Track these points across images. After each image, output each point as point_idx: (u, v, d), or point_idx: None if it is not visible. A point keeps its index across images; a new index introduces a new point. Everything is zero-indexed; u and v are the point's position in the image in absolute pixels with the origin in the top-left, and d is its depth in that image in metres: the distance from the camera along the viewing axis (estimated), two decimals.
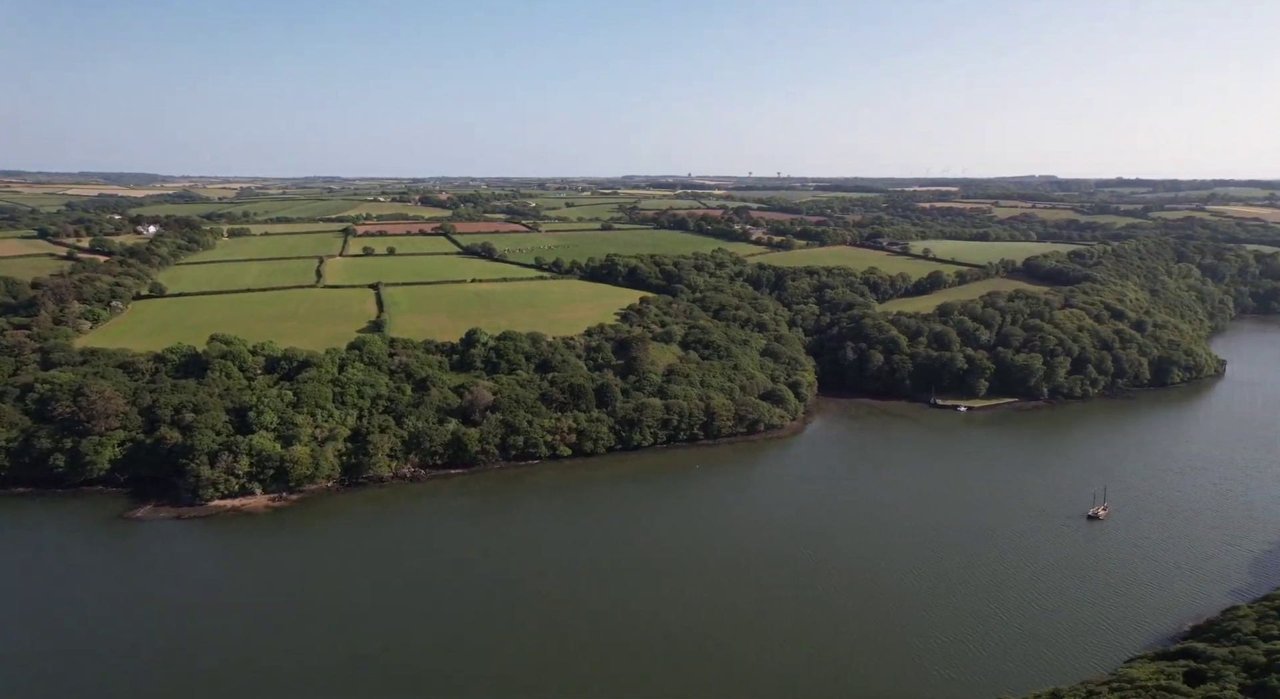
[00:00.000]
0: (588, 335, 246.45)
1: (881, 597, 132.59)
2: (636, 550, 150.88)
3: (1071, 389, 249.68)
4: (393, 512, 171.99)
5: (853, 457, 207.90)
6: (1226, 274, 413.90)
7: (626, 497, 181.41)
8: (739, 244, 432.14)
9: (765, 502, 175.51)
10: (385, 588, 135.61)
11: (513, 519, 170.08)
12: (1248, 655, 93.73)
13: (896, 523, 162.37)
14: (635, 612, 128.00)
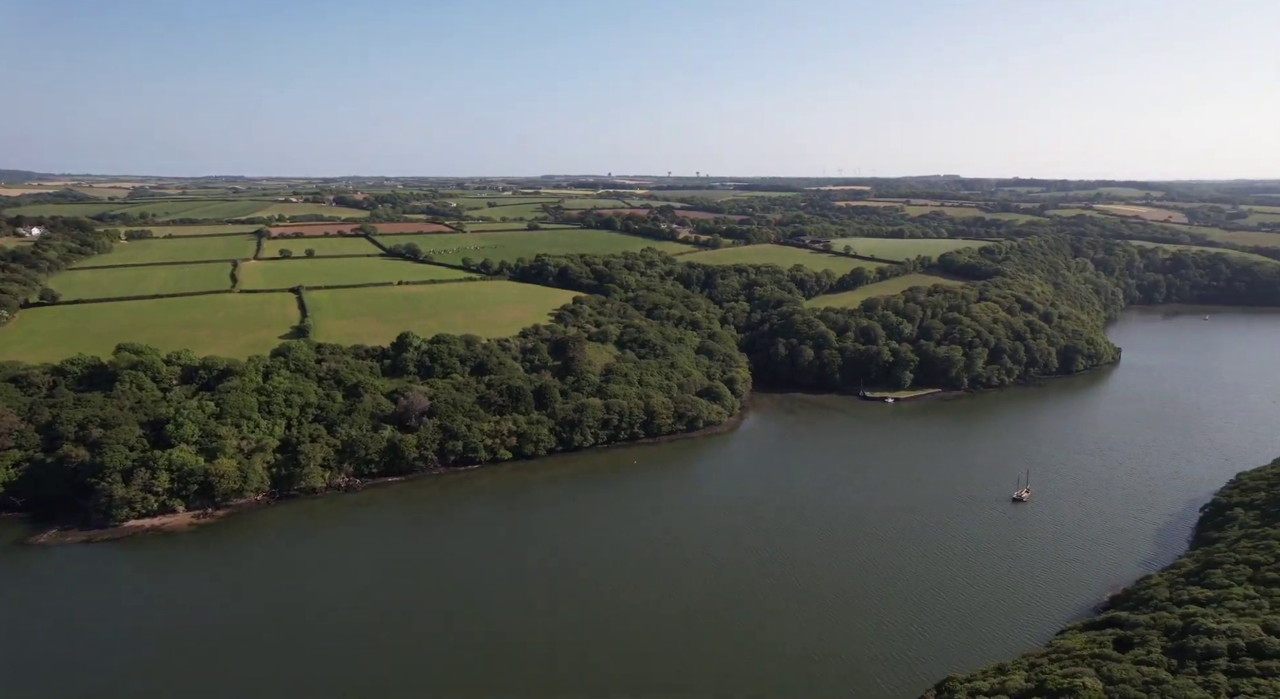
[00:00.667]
0: (523, 337, 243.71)
1: (826, 585, 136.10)
2: (582, 552, 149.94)
3: (989, 378, 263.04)
4: (327, 524, 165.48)
5: (790, 450, 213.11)
6: (1116, 268, 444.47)
7: (569, 498, 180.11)
8: (667, 243, 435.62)
9: (708, 498, 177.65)
10: (320, 605, 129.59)
11: (454, 526, 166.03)
12: (1166, 620, 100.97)
13: (836, 512, 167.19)
14: (585, 614, 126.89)
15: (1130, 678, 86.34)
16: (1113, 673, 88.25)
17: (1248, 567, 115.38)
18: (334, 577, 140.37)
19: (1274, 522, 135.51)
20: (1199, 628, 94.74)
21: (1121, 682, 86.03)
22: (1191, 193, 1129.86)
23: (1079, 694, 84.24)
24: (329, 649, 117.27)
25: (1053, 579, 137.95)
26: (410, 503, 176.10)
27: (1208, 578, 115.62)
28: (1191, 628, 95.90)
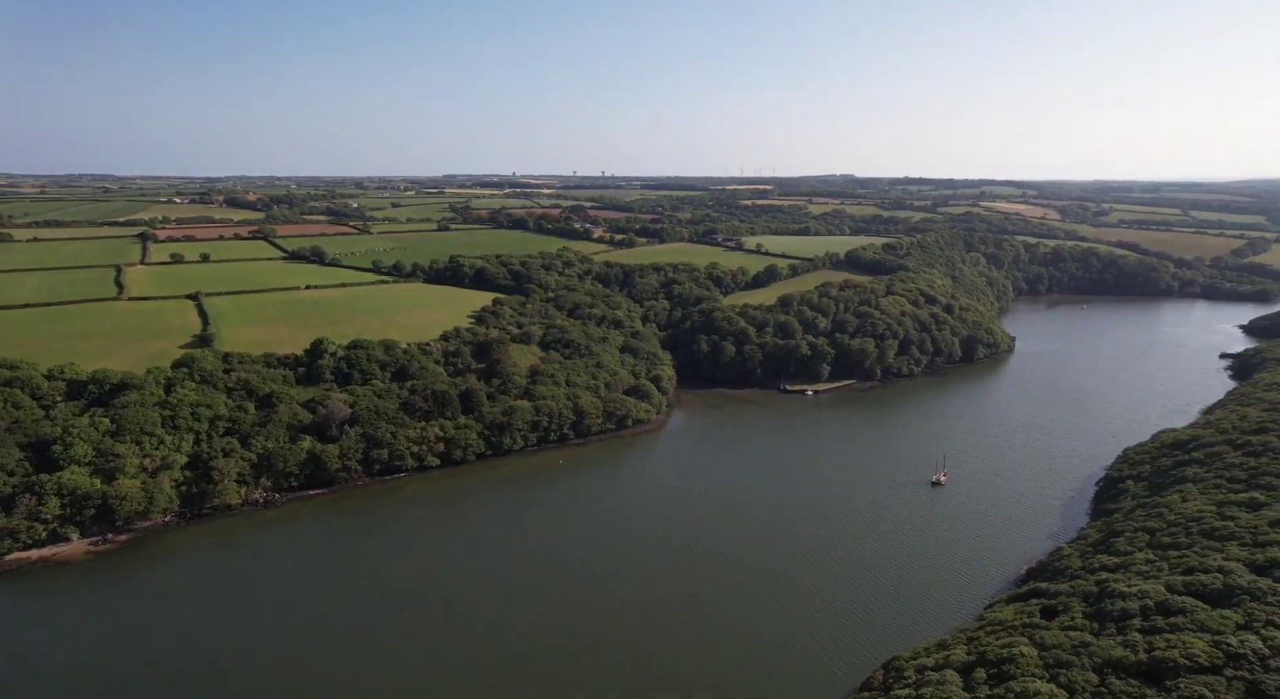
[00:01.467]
0: (444, 340, 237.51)
1: (769, 572, 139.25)
2: (517, 557, 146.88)
3: (900, 369, 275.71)
4: (244, 542, 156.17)
5: (718, 444, 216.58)
6: (1005, 262, 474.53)
7: (501, 503, 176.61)
8: (582, 243, 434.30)
9: (642, 495, 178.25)
10: (237, 632, 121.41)
11: (380, 538, 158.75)
12: (1084, 588, 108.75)
13: (768, 502, 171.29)
14: (514, 622, 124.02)
15: (1060, 643, 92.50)
16: (1044, 640, 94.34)
17: (1145, 533, 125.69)
18: (252, 600, 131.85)
19: (1160, 491, 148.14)
20: (1113, 592, 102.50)
21: (1053, 647, 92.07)
22: (1060, 192, 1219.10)
23: (1018, 662, 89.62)
24: (249, 684, 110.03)
25: (975, 556, 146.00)
26: (335, 515, 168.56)
27: (1112, 546, 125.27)
28: (1106, 593, 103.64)
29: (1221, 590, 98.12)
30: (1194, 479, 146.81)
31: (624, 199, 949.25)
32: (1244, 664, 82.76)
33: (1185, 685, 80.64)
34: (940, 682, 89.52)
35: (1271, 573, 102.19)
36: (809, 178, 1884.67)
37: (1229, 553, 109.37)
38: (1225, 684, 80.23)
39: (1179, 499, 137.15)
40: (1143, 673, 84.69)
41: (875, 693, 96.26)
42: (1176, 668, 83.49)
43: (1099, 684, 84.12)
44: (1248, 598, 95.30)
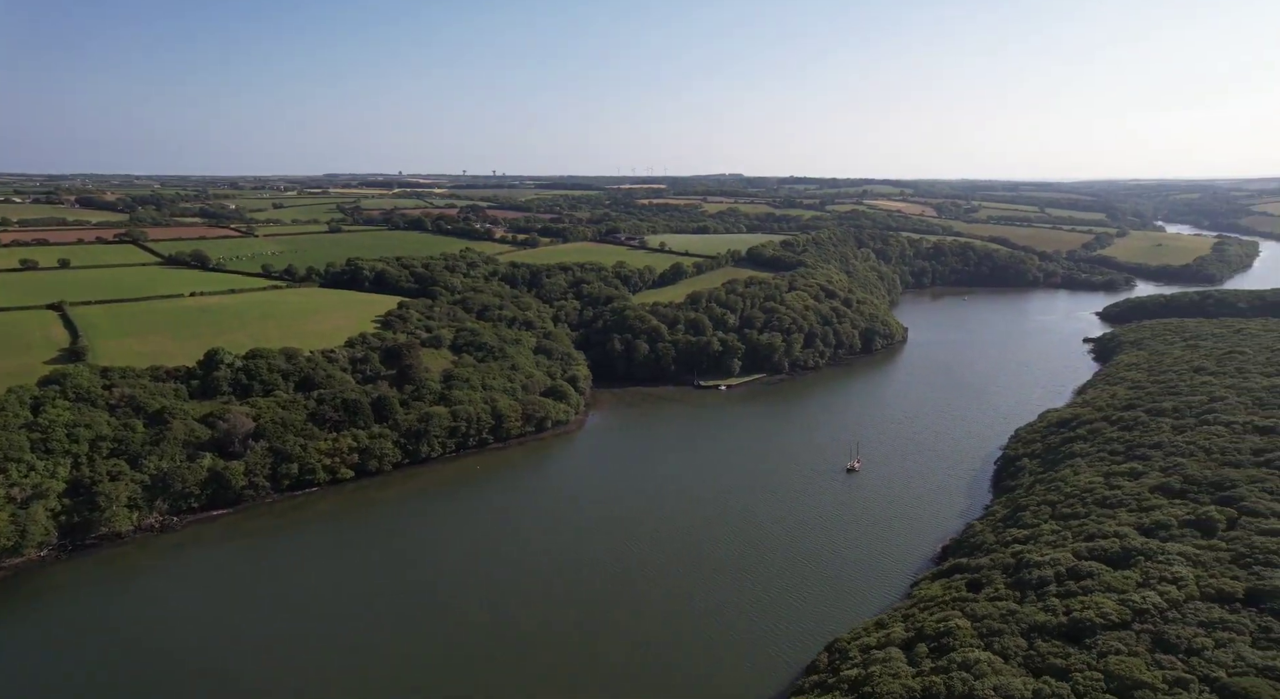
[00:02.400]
0: (350, 346, 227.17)
1: (694, 568, 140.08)
2: (437, 566, 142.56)
3: (806, 361, 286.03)
4: (135, 574, 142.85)
5: (638, 441, 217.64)
6: (892, 256, 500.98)
7: (421, 512, 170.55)
8: (484, 243, 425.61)
9: (568, 496, 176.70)
10: (122, 677, 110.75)
11: (291, 556, 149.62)
12: (1002, 560, 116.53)
13: (691, 496, 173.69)
14: (442, 632, 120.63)
15: (989, 613, 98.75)
16: (975, 611, 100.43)
17: (1047, 506, 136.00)
18: (141, 640, 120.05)
19: (1054, 467, 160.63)
20: (1029, 562, 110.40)
21: (984, 617, 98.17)
22: (933, 190, 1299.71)
23: (955, 634, 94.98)
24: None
25: (895, 537, 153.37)
26: (241, 536, 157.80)
27: (1020, 520, 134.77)
28: (1023, 563, 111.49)
29: (1120, 553, 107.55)
30: (1081, 454, 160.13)
31: (519, 199, 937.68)
32: (1148, 618, 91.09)
33: (1103, 642, 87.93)
34: (885, 659, 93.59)
35: (1157, 534, 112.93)
36: (700, 177, 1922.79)
37: (1120, 519, 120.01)
38: (1135, 637, 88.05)
39: (1071, 473, 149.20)
40: (1064, 634, 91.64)
41: (823, 674, 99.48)
42: (1093, 626, 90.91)
43: (1028, 648, 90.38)
44: (1142, 558, 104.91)
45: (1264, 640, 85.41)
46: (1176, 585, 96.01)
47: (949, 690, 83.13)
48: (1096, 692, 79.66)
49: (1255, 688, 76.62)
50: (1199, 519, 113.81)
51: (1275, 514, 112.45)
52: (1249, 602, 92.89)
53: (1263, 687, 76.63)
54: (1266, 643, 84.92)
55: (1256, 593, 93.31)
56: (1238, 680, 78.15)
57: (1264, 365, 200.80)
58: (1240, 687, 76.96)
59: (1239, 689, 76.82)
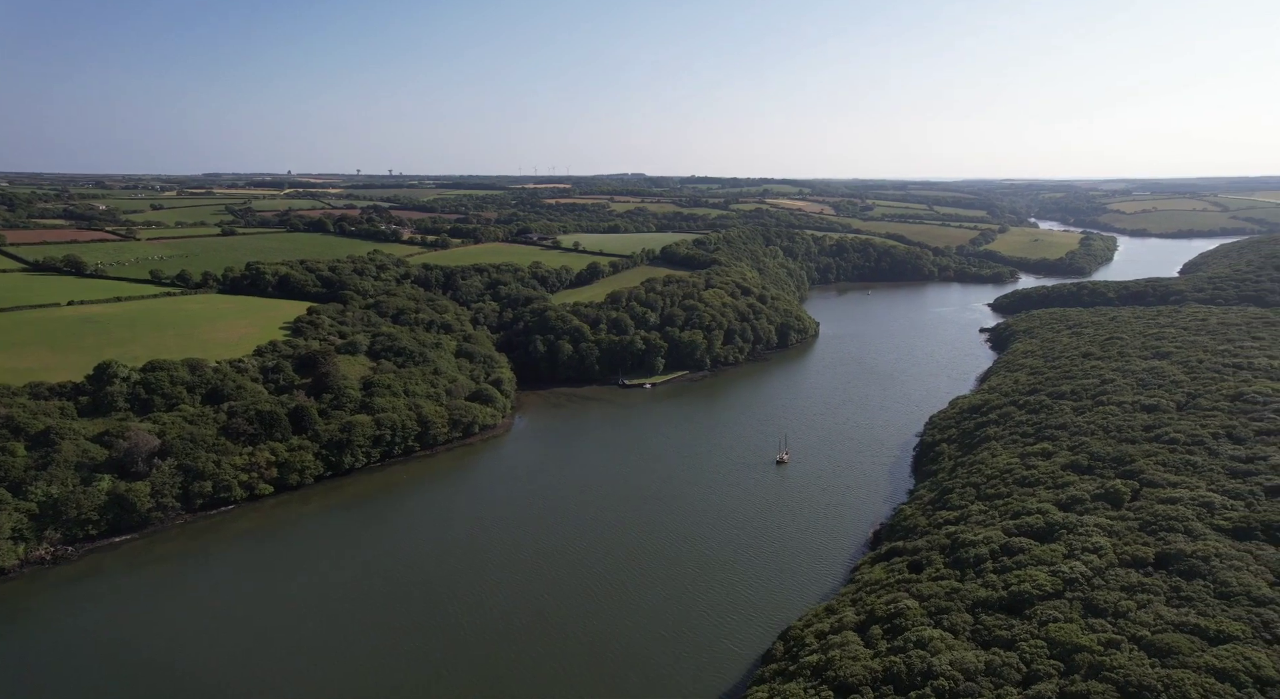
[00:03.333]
0: (260, 355, 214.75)
1: (636, 567, 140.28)
2: (367, 580, 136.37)
3: (727, 357, 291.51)
4: (20, 614, 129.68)
5: (566, 443, 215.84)
6: (799, 254, 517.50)
7: (344, 526, 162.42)
8: (392, 245, 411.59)
9: (496, 500, 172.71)
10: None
11: (205, 582, 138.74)
12: (938, 541, 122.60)
13: (625, 494, 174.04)
14: (372, 651, 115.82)
15: (935, 593, 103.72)
16: (921, 591, 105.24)
17: (972, 488, 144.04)
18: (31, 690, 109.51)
19: (971, 450, 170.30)
20: (964, 542, 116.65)
21: (930, 597, 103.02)
22: (829, 189, 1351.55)
23: (906, 615, 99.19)
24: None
25: (828, 524, 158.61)
26: (149, 563, 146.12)
27: (948, 502, 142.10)
28: (958, 543, 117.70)
29: (1044, 528, 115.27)
30: (995, 437, 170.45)
31: (421, 199, 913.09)
32: (1078, 587, 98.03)
33: (1041, 611, 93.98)
34: (843, 644, 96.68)
35: (1073, 508, 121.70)
36: (603, 176, 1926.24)
37: (1040, 496, 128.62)
38: (1069, 605, 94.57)
39: (989, 455, 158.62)
40: (1005, 606, 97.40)
41: (782, 663, 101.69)
42: (1030, 598, 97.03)
43: (975, 622, 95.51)
44: (1065, 531, 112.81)
45: (1176, 599, 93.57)
46: (1097, 554, 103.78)
47: (909, 669, 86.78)
48: (1041, 658, 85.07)
49: (1176, 643, 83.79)
50: (1107, 492, 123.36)
51: (1170, 484, 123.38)
52: (1159, 565, 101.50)
53: (1181, 641, 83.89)
54: (1178, 601, 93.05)
55: (1164, 556, 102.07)
56: (1161, 637, 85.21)
57: (1141, 350, 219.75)
58: (1164, 642, 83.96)
59: (1163, 645, 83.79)
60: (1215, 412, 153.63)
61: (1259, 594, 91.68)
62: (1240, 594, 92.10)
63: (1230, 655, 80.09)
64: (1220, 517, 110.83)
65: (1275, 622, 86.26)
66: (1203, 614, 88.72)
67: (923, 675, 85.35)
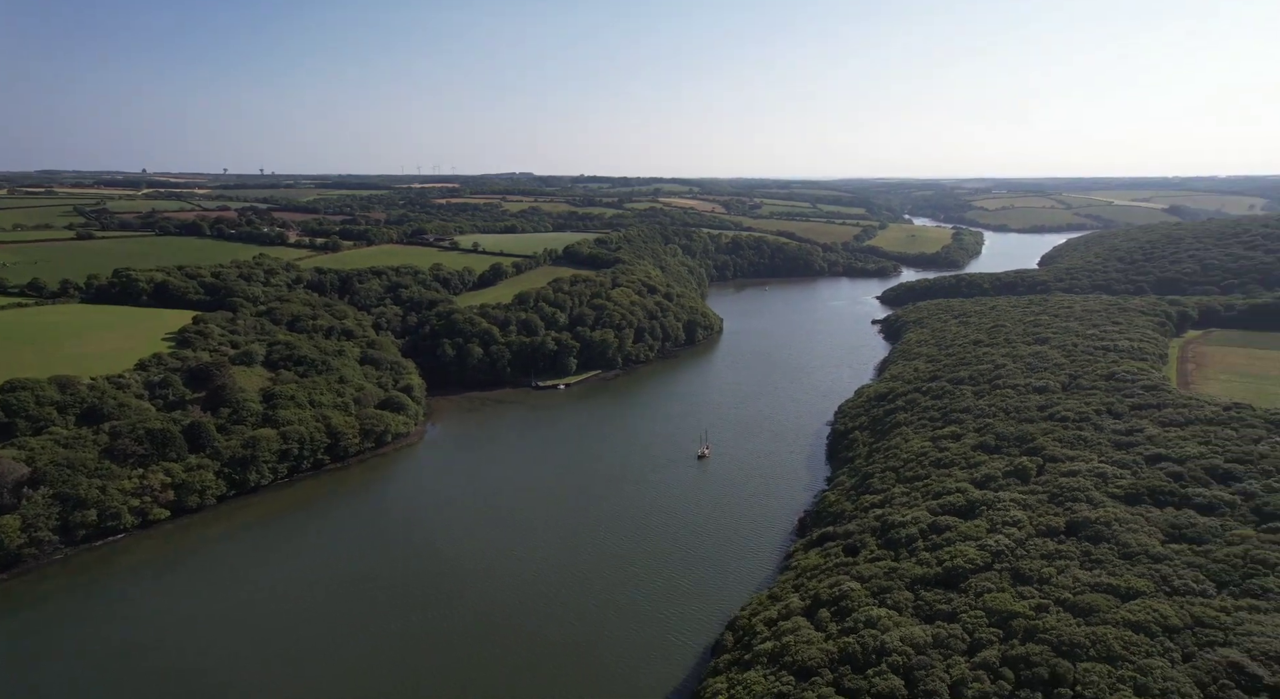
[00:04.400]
0: (143, 369, 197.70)
1: (573, 570, 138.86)
2: (279, 607, 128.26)
3: (638, 356, 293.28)
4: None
5: (483, 448, 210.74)
6: (697, 251, 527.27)
7: (253, 548, 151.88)
8: (278, 248, 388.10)
9: (417, 510, 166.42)
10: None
11: (93, 621, 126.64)
12: (869, 524, 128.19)
13: (548, 497, 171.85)
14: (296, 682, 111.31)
15: (874, 574, 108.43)
16: (861, 573, 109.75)
17: (892, 472, 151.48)
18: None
19: (885, 436, 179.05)
20: (893, 524, 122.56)
21: (871, 578, 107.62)
22: (717, 188, 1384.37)
23: (850, 596, 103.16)
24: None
25: (755, 514, 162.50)
26: (24, 606, 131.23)
27: (870, 487, 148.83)
28: (888, 525, 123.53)
29: (966, 506, 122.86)
30: (905, 423, 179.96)
31: (301, 199, 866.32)
32: (1004, 558, 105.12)
33: (975, 583, 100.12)
34: (794, 629, 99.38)
35: (989, 486, 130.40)
36: (492, 175, 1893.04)
37: (956, 476, 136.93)
38: (998, 576, 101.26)
39: (902, 440, 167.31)
40: (941, 582, 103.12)
41: (735, 652, 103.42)
42: (964, 572, 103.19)
43: (915, 599, 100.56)
44: (984, 508, 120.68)
45: (1088, 562, 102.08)
46: (1017, 527, 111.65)
47: (863, 647, 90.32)
48: (982, 627, 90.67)
49: (1095, 602, 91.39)
50: (1016, 469, 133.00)
51: (1069, 459, 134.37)
52: (1069, 532, 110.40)
53: (1099, 600, 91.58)
54: (1090, 564, 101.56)
55: (1073, 524, 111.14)
56: (1081, 598, 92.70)
57: (1023, 336, 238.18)
58: (1085, 603, 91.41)
59: (1084, 605, 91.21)
60: (1095, 390, 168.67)
61: (1155, 552, 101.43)
62: (1140, 553, 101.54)
63: (1141, 609, 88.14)
64: (1113, 485, 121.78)
65: (1171, 576, 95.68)
66: (1113, 574, 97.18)
67: (877, 653, 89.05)
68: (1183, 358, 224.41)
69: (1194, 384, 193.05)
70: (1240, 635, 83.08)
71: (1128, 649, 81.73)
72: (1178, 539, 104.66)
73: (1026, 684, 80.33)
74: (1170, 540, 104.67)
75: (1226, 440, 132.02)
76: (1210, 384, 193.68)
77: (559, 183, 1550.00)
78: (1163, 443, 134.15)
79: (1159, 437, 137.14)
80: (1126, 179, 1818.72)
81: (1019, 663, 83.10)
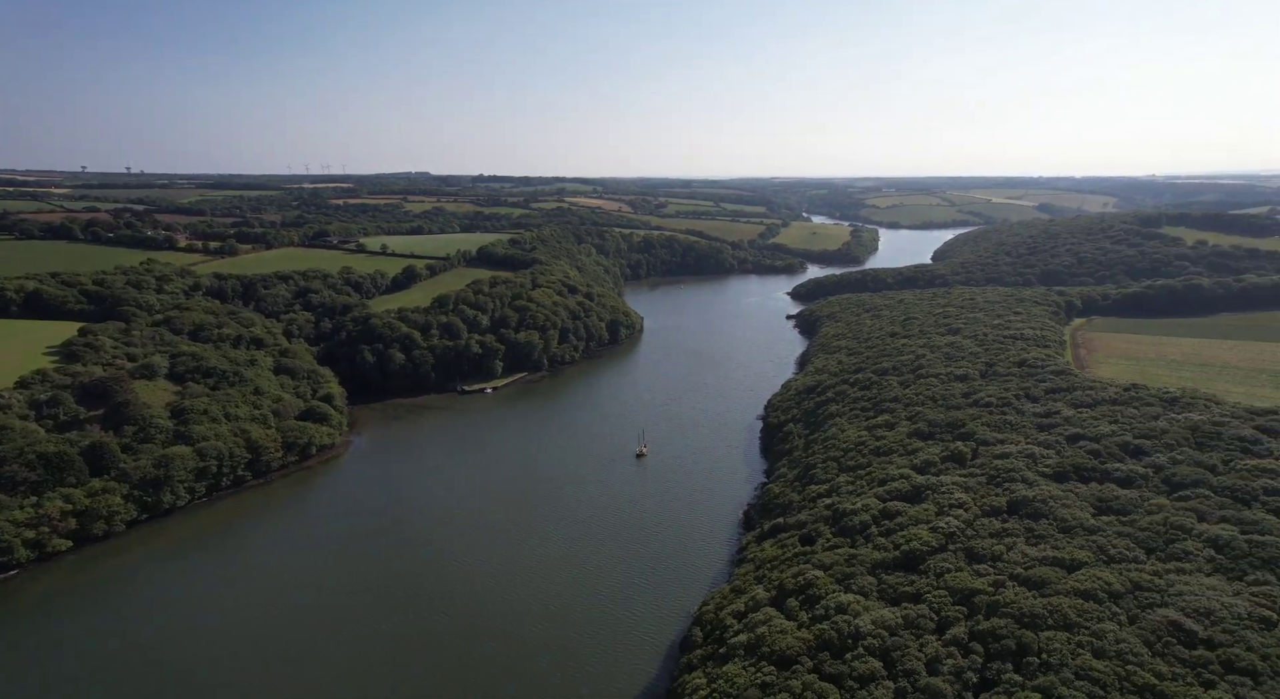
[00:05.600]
0: (24, 387, 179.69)
1: (526, 576, 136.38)
2: (200, 642, 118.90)
3: (563, 356, 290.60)
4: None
5: (415, 455, 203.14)
6: (610, 251, 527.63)
7: (170, 577, 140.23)
8: (167, 253, 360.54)
9: (354, 525, 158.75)
10: None
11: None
12: (821, 513, 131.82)
13: (496, 502, 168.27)
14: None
15: (835, 561, 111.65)
16: (822, 561, 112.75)
17: (834, 462, 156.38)
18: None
19: (819, 427, 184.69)
20: (845, 512, 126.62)
21: (832, 565, 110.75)
22: (620, 187, 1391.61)
23: (816, 584, 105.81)
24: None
25: (701, 509, 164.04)
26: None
27: (814, 477, 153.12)
28: (840, 513, 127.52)
29: (911, 491, 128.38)
30: (838, 414, 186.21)
31: (180, 200, 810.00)
32: (957, 539, 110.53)
33: (933, 564, 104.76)
34: (766, 620, 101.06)
35: (929, 471, 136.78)
36: (387, 175, 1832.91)
37: (897, 463, 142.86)
38: (954, 556, 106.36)
39: (838, 431, 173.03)
40: (901, 564, 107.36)
41: (707, 647, 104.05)
42: (920, 554, 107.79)
43: (879, 583, 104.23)
44: (930, 492, 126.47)
45: (1032, 538, 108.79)
46: (963, 509, 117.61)
47: (839, 633, 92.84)
48: (947, 606, 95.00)
49: (1045, 575, 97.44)
50: (952, 454, 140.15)
51: (999, 441, 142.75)
52: (1010, 511, 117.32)
53: (1049, 573, 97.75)
54: (1034, 539, 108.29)
55: (1014, 503, 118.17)
56: (1033, 572, 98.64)
57: (936, 327, 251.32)
58: (1037, 576, 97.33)
59: (1037, 578, 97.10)
60: (1010, 376, 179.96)
61: (1089, 524, 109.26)
62: (1076, 527, 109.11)
63: (1087, 578, 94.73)
64: (1042, 465, 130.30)
65: (1107, 545, 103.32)
66: (1056, 548, 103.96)
67: (852, 638, 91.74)
68: (1074, 343, 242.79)
69: (1089, 368, 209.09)
70: (1173, 596, 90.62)
71: (1081, 616, 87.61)
72: (1105, 512, 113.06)
73: (996, 656, 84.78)
74: (1099, 513, 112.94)
75: (1131, 418, 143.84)
76: (1103, 367, 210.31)
77: (459, 182, 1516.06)
78: (1078, 423, 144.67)
79: (1074, 417, 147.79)
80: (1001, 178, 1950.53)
81: (986, 637, 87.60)
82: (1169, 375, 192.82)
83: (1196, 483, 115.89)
